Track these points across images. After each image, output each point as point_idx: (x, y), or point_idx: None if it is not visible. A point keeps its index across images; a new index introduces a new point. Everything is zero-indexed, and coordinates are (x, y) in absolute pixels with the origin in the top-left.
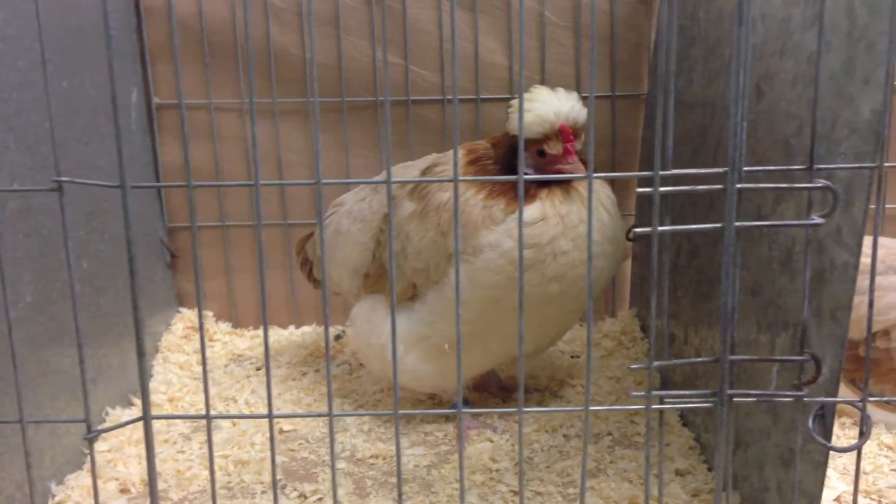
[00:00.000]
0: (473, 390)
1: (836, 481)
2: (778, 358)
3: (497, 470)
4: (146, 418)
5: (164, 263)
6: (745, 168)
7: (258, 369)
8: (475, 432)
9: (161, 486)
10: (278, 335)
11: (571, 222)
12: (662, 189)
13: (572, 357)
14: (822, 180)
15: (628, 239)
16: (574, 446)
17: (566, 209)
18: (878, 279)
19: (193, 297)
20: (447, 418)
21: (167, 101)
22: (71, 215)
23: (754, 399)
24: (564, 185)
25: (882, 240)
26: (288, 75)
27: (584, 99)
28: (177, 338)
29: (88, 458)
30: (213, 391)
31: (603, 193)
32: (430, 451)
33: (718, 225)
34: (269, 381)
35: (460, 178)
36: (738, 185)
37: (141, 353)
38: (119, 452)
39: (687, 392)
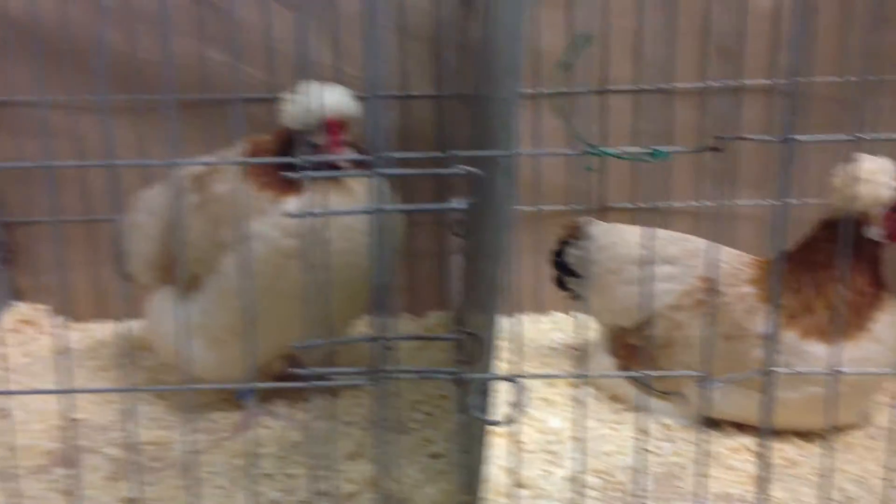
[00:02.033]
0: (274, 379)
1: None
2: (433, 336)
3: (260, 455)
4: None
5: None
6: (393, 154)
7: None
8: (257, 419)
9: None
10: (110, 330)
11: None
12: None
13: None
14: (463, 167)
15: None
16: (345, 432)
17: (333, 201)
18: (647, 268)
19: (31, 292)
20: (237, 406)
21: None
22: None
23: (413, 376)
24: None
25: (652, 230)
26: (112, 71)
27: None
28: (3, 331)
29: None
30: (25, 380)
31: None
32: (208, 437)
33: (365, 208)
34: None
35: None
36: (384, 171)
37: None
38: None
39: (346, 370)
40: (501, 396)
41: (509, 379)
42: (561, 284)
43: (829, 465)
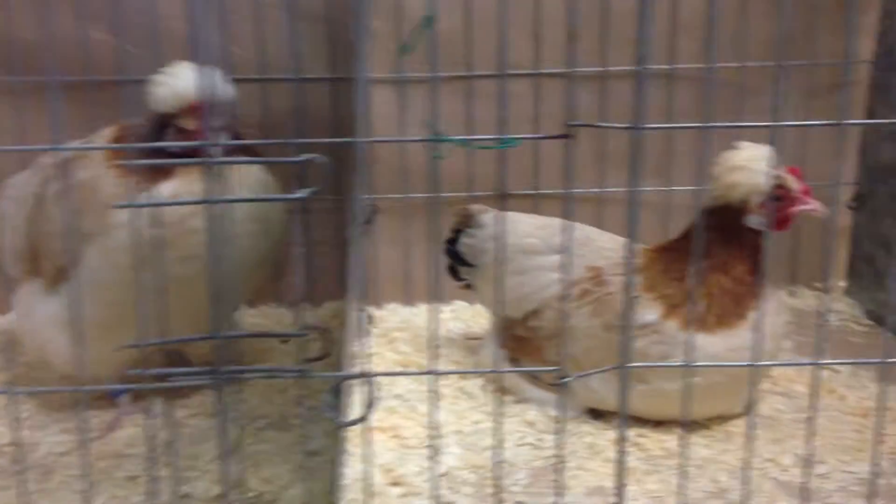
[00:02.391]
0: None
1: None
2: (275, 333)
3: (128, 455)
4: None
5: None
6: (230, 142)
7: None
8: (129, 418)
9: None
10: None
11: None
12: None
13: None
14: (310, 155)
15: None
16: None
17: (201, 188)
18: (536, 258)
19: None
20: (112, 404)
21: None
22: None
23: (258, 376)
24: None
25: (544, 219)
26: None
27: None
28: None
29: None
30: None
31: (250, 175)
32: (76, 438)
33: (202, 199)
34: None
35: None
36: (218, 160)
37: None
38: None
39: (188, 370)
40: (357, 394)
41: (360, 376)
42: (454, 274)
43: (709, 455)
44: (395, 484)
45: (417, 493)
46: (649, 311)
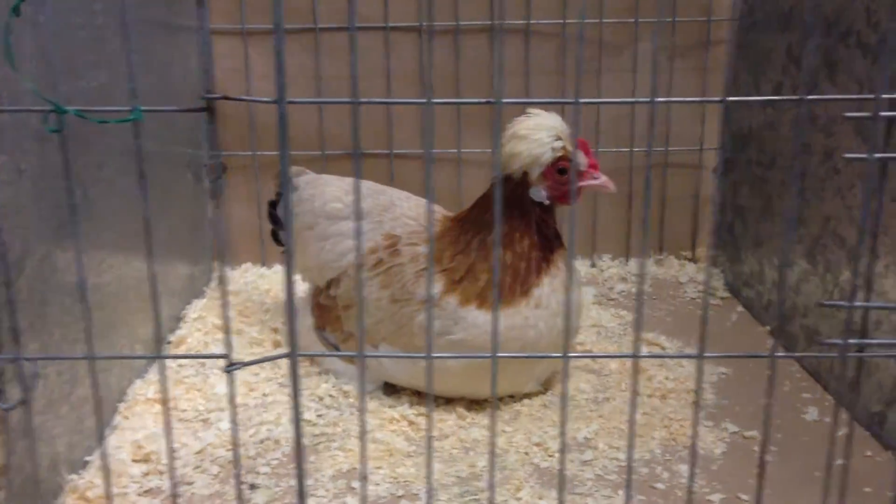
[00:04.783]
0: None
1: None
2: None
3: None
4: None
5: None
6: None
7: None
8: None
9: None
10: None
11: None
12: None
13: None
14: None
15: None
16: None
17: None
18: (339, 224)
19: None
20: None
21: None
22: None
23: None
24: None
25: (348, 182)
26: None
27: None
28: None
29: None
30: None
31: None
32: None
33: None
34: None
35: None
36: None
37: None
38: None
39: None
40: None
41: (12, 359)
42: (276, 238)
43: (481, 437)
44: (144, 461)
45: (161, 471)
46: (432, 286)
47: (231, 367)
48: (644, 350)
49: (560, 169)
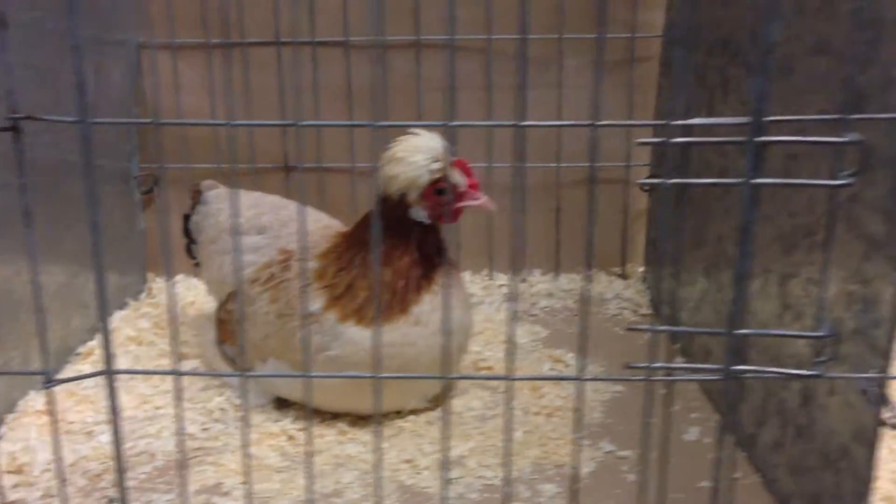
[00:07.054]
0: None
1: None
2: None
3: None
4: None
5: None
6: None
7: None
8: None
9: None
10: None
11: None
12: None
13: None
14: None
15: None
16: None
17: None
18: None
19: None
20: None
21: None
22: None
23: None
24: None
25: (261, 197)
26: None
27: None
28: None
29: None
30: None
31: None
32: None
33: None
34: None
35: None
36: None
37: None
38: None
39: None
40: None
41: None
42: (189, 251)
43: (355, 453)
44: (16, 472)
45: (31, 483)
46: (314, 301)
47: (49, 383)
48: (547, 366)
49: (438, 190)
